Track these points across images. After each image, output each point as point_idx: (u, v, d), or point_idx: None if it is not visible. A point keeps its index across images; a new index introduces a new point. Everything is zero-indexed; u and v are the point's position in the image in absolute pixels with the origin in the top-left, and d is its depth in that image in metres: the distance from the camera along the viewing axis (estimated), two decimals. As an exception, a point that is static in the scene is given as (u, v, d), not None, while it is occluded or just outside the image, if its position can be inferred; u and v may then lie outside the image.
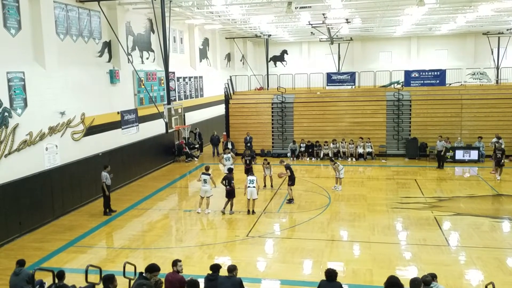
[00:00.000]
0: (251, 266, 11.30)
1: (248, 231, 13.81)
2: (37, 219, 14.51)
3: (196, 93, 29.59)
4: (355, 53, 42.47)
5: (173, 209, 16.75)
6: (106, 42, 19.12)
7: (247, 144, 24.76)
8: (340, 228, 14.06)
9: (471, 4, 23.84)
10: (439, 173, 21.14)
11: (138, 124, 21.33)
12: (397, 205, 16.09)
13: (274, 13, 25.39)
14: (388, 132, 25.12)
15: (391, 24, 32.47)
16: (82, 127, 17.04)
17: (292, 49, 44.83)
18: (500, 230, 13.92)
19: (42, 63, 14.97)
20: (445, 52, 41.49)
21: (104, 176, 15.69)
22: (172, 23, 23.42)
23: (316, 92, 28.57)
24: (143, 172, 21.58)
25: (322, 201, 16.79)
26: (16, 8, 14.06)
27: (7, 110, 13.45)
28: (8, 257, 12.12)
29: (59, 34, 16.04)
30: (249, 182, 15.38)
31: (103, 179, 15.66)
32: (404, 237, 13.41)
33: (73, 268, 11.15)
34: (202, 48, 31.19)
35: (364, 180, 20.32)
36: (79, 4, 17.18)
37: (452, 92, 26.36)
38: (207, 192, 15.60)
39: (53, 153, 15.44)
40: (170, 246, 12.95)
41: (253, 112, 26.79)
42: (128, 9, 20.77)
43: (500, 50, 36.14)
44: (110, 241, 13.58)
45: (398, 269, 10.86)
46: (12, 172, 13.59)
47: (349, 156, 24.25)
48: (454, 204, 16.10)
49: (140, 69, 21.35)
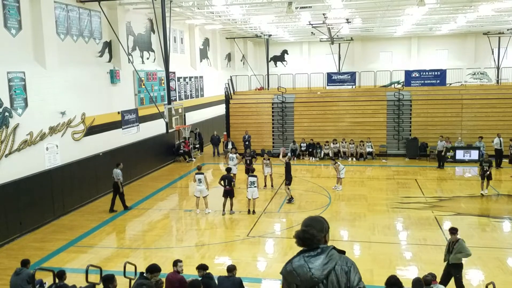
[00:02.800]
0: (251, 266, 11.31)
1: (248, 231, 13.81)
2: (37, 219, 14.52)
3: (196, 93, 29.59)
4: (356, 53, 42.46)
5: (173, 209, 16.76)
6: (107, 42, 19.13)
7: (246, 143, 24.78)
8: (341, 228, 14.06)
9: (472, 4, 23.83)
10: (440, 173, 21.14)
11: (139, 124, 21.34)
12: (397, 205, 16.10)
13: (275, 13, 25.40)
14: (388, 132, 25.12)
15: (392, 24, 32.47)
16: (82, 127, 17.05)
17: (293, 49, 44.82)
18: (500, 230, 13.93)
19: (43, 63, 14.98)
20: (445, 52, 41.48)
21: (118, 174, 15.90)
22: (173, 23, 23.41)
23: (317, 92, 28.56)
24: (144, 172, 21.59)
25: (323, 201, 16.80)
26: (17, 8, 14.07)
27: (7, 110, 13.46)
28: (8, 257, 12.15)
29: (59, 34, 16.05)
30: (250, 183, 15.42)
31: (118, 177, 15.90)
32: (405, 237, 13.42)
33: (74, 268, 11.16)
34: (202, 48, 31.20)
35: (365, 180, 20.33)
36: (79, 4, 17.19)
37: (453, 92, 26.36)
38: (202, 191, 15.58)
39: (53, 153, 15.45)
40: (171, 246, 12.96)
41: (254, 112, 26.79)
42: (129, 9, 20.78)
43: (501, 50, 36.12)
44: (111, 241, 13.58)
45: (399, 269, 10.87)
46: (12, 172, 13.61)
47: (350, 156, 24.25)
48: (454, 204, 16.10)
49: (140, 69, 21.37)
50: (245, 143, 24.81)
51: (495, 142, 21.77)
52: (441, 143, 22.03)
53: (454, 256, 9.28)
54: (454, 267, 9.34)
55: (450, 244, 9.46)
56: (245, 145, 24.69)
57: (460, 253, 9.30)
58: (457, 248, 9.31)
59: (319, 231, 3.34)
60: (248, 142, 24.82)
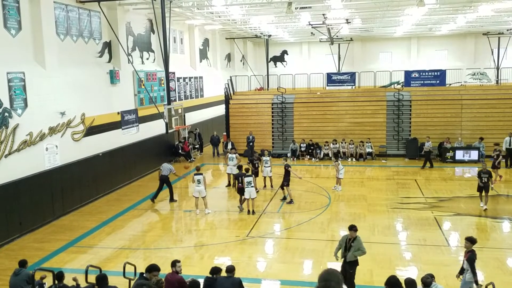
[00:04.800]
0: (251, 266, 11.31)
1: (248, 231, 13.81)
2: (37, 219, 14.53)
3: (196, 93, 29.59)
4: (355, 54, 42.47)
5: (173, 209, 16.76)
6: (106, 42, 19.13)
7: (250, 143, 24.75)
8: (340, 228, 14.04)
9: (471, 5, 23.84)
10: (440, 173, 21.14)
11: (138, 124, 21.34)
12: (397, 205, 16.10)
13: (274, 14, 25.41)
14: (388, 132, 25.13)
15: (391, 24, 32.49)
16: (82, 127, 17.05)
17: (292, 49, 44.84)
18: (500, 230, 13.93)
19: (42, 63, 14.98)
20: (445, 52, 41.51)
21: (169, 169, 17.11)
22: (172, 24, 23.43)
23: (316, 92, 28.57)
24: (143, 172, 21.59)
25: (322, 201, 16.80)
26: (16, 8, 14.07)
27: (7, 110, 13.46)
28: (8, 257, 12.15)
29: (59, 34, 16.05)
30: (247, 183, 15.45)
31: (173, 171, 17.21)
32: (404, 237, 13.42)
33: (73, 268, 11.15)
34: (202, 49, 31.20)
35: (364, 180, 20.32)
36: (79, 5, 17.19)
37: (452, 92, 26.37)
38: (201, 192, 15.62)
39: (53, 153, 15.45)
40: (170, 246, 12.95)
41: (253, 113, 26.79)
42: (128, 10, 20.78)
43: (500, 50, 36.17)
44: (110, 241, 13.57)
45: (398, 269, 10.87)
46: (12, 172, 13.61)
47: (349, 156, 24.26)
48: (454, 204, 16.11)
49: (140, 70, 21.36)
50: (249, 144, 24.76)
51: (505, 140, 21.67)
52: (428, 144, 22.14)
53: (352, 254, 9.28)
54: (350, 264, 9.32)
55: (347, 241, 9.41)
56: (249, 146, 24.65)
57: (358, 250, 9.28)
58: (355, 245, 9.29)
59: (337, 283, 3.50)
60: (252, 143, 24.80)
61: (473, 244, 8.86)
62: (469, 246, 8.85)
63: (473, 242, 8.86)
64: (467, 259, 8.69)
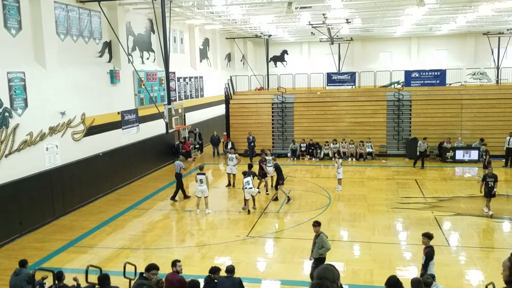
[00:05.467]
0: (251, 266, 11.31)
1: (248, 231, 13.82)
2: (37, 219, 14.53)
3: (196, 93, 29.59)
4: (355, 53, 42.47)
5: (173, 209, 16.76)
6: (107, 42, 19.12)
7: (251, 144, 24.73)
8: (341, 228, 14.07)
9: (471, 4, 23.83)
10: (440, 173, 21.14)
11: (139, 124, 21.34)
12: (397, 205, 16.10)
13: (274, 13, 25.39)
14: (388, 132, 25.13)
15: (391, 24, 32.46)
16: (82, 127, 17.05)
17: (292, 49, 44.83)
18: (500, 230, 13.93)
19: (43, 63, 14.98)
20: (445, 52, 41.50)
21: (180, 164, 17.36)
22: (173, 23, 23.42)
23: (317, 92, 28.57)
24: (144, 172, 21.60)
25: (322, 201, 16.80)
26: (17, 8, 14.07)
27: (7, 110, 13.46)
28: (8, 257, 12.15)
29: (59, 34, 16.05)
30: (246, 183, 15.53)
31: (182, 167, 17.40)
32: (404, 237, 13.43)
33: (74, 268, 11.16)
34: (202, 48, 31.20)
35: (364, 180, 20.32)
36: (79, 5, 17.19)
37: (452, 92, 26.37)
38: (204, 191, 15.67)
39: (53, 153, 15.45)
40: (171, 246, 12.96)
41: (254, 112, 26.79)
42: (129, 9, 20.78)
43: (500, 50, 36.14)
44: (111, 241, 13.57)
45: (399, 269, 10.87)
46: (12, 172, 13.61)
47: (349, 156, 24.26)
48: (454, 204, 16.10)
49: (140, 69, 21.36)
50: (249, 144, 24.73)
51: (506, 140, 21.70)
52: (423, 144, 22.20)
53: (317, 251, 9.23)
54: (318, 261, 9.29)
55: (314, 238, 9.43)
56: (250, 147, 24.63)
57: (322, 248, 9.20)
58: (318, 242, 9.23)
59: (332, 282, 3.53)
60: (253, 144, 24.77)
61: (430, 240, 8.87)
62: (426, 241, 8.86)
63: (430, 238, 8.87)
64: (425, 254, 8.69)
